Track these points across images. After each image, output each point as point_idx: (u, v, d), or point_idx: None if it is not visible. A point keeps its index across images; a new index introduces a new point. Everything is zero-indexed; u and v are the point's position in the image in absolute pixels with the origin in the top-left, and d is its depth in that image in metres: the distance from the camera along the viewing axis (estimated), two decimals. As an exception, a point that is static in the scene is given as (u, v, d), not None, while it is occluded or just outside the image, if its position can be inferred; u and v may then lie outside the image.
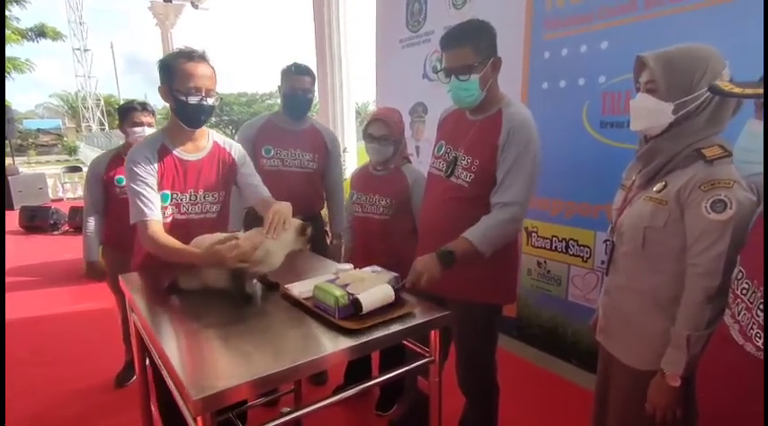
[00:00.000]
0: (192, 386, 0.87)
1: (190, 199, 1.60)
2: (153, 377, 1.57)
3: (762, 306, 0.81)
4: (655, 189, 1.12)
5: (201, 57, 1.53)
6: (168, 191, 1.57)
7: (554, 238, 2.53)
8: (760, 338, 0.81)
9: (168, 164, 1.56)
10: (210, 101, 1.53)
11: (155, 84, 1.60)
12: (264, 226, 1.39)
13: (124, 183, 2.31)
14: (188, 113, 1.52)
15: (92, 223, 2.37)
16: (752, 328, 0.83)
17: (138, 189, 1.50)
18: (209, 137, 1.67)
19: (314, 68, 2.41)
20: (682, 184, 1.07)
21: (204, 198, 1.63)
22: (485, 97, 1.52)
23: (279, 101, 2.39)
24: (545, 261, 2.59)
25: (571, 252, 2.46)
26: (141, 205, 1.49)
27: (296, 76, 2.24)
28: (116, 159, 2.36)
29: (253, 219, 1.79)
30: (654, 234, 1.11)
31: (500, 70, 1.57)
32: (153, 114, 2.47)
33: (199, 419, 0.86)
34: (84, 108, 31.24)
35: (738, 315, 0.88)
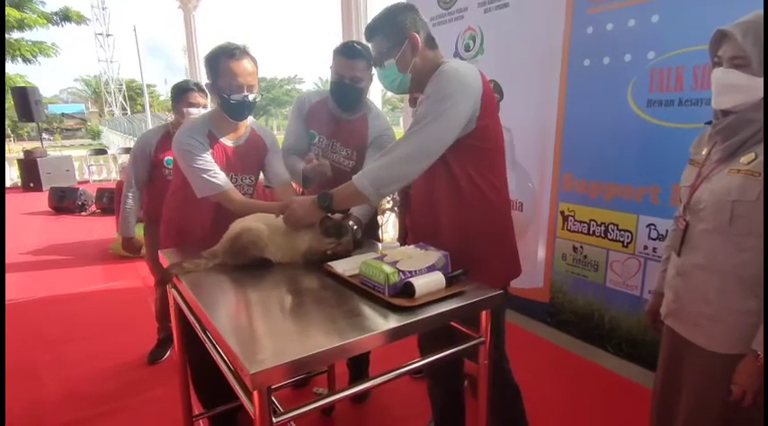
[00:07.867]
0: (248, 360, 0.84)
1: (234, 182, 1.71)
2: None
3: None
4: (742, 160, 1.04)
5: (243, 53, 1.57)
6: None
7: (592, 222, 2.45)
8: None
9: (216, 149, 1.68)
10: (252, 97, 1.61)
11: (174, 69, 1.57)
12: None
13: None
14: (232, 109, 1.62)
15: (131, 198, 2.37)
16: None
17: (202, 167, 1.60)
18: (248, 125, 1.78)
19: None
20: None
21: (243, 180, 1.77)
22: (417, 76, 1.37)
23: (296, 87, 2.17)
24: (581, 246, 2.52)
25: (610, 237, 2.37)
26: (214, 180, 1.61)
27: (344, 60, 1.83)
28: (165, 139, 2.33)
29: None
30: (743, 208, 1.03)
31: (423, 45, 1.35)
32: (207, 95, 2.37)
33: (255, 393, 0.83)
34: (107, 92, 31.67)
35: None
